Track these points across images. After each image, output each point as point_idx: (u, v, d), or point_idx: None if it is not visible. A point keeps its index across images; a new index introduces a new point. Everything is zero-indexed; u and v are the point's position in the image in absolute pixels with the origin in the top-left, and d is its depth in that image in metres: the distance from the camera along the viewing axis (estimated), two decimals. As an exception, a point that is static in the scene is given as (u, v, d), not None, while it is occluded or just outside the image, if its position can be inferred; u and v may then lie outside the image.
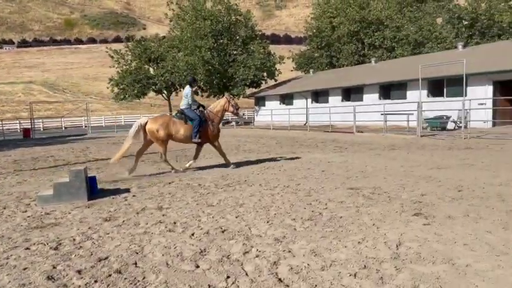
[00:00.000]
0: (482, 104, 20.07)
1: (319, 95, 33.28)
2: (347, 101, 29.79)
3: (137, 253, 3.98)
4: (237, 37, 37.52)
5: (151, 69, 40.70)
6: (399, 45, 39.57)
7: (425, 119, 19.85)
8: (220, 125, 10.33)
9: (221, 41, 36.89)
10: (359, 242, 4.05)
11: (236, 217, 5.16)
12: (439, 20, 40.05)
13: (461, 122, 17.72)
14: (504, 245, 3.82)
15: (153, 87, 39.99)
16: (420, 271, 3.30)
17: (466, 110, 17.67)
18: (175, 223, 4.98)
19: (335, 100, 30.94)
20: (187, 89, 9.56)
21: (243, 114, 11.26)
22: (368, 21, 40.74)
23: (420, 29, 38.68)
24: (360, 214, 5.09)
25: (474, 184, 6.68)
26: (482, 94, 20.53)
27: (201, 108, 9.64)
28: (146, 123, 9.03)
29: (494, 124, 20.11)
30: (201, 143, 9.60)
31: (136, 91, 39.00)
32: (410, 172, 8.21)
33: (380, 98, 26.96)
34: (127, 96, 39.77)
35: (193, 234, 4.50)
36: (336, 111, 25.72)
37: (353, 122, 21.45)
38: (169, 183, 7.79)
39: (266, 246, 4.05)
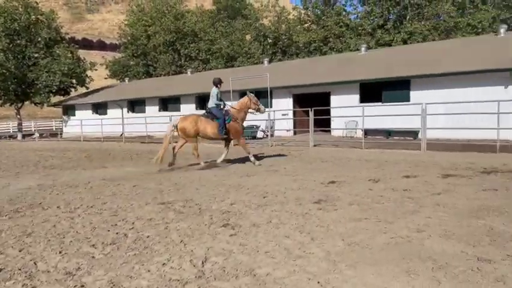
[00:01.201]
0: (285, 114, 22.38)
1: (135, 105, 32.19)
2: (165, 111, 29.51)
3: None
4: (39, 39, 33.36)
5: None
6: (214, 57, 41.53)
7: (237, 128, 21.02)
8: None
9: (18, 41, 32.27)
10: (163, 264, 3.77)
11: (20, 251, 4.28)
12: (248, 37, 43.54)
13: (268, 131, 19.38)
14: (300, 248, 4.06)
15: None
16: (224, 288, 3.20)
17: (272, 120, 19.43)
18: None
19: (152, 110, 30.32)
20: (214, 90, 10.68)
21: (265, 109, 11.11)
22: (183, 32, 41.57)
23: (231, 43, 41.39)
24: (169, 231, 4.82)
25: (277, 190, 7.16)
26: (284, 106, 22.92)
27: (226, 108, 10.79)
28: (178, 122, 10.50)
29: (295, 133, 22.67)
30: (228, 138, 10.98)
31: None
32: (222, 181, 8.38)
33: (196, 109, 27.46)
34: None
35: (-48, 282, 3.51)
36: (153, 121, 25.16)
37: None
38: None
39: (53, 283, 3.41)
